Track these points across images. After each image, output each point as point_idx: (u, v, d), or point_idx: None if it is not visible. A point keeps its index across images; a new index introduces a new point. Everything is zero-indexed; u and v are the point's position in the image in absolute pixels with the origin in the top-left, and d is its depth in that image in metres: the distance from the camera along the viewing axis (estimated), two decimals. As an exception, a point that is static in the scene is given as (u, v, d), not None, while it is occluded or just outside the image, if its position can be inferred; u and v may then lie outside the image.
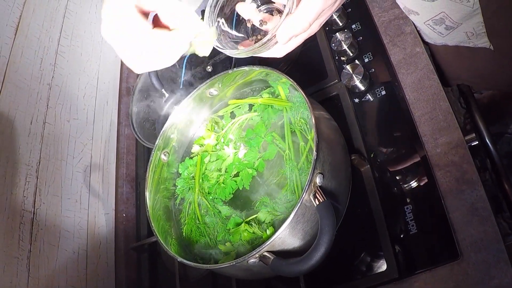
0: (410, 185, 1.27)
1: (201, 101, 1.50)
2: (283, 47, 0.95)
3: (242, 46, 1.03)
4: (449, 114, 1.27)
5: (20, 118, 1.54)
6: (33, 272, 1.42)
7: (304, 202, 1.07)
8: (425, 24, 1.37)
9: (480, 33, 1.33)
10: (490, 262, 1.08)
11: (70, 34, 1.91)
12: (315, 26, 0.92)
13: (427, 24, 1.37)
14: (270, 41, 0.90)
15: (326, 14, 0.91)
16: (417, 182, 1.26)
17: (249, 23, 1.04)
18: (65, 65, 1.83)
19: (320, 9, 0.84)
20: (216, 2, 1.02)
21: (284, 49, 0.96)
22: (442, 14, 1.30)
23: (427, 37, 1.46)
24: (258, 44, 0.91)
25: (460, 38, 1.39)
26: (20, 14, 1.67)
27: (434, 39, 1.44)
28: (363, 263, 1.27)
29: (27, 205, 1.48)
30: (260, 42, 0.90)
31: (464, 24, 1.32)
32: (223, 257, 1.29)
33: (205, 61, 1.88)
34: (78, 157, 1.76)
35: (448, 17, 1.30)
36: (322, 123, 1.21)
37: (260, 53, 0.95)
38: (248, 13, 1.03)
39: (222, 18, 1.04)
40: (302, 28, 0.85)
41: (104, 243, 1.76)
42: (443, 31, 1.37)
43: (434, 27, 1.37)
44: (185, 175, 1.50)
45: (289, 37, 0.86)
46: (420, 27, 1.42)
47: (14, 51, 1.59)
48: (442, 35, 1.39)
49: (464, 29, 1.34)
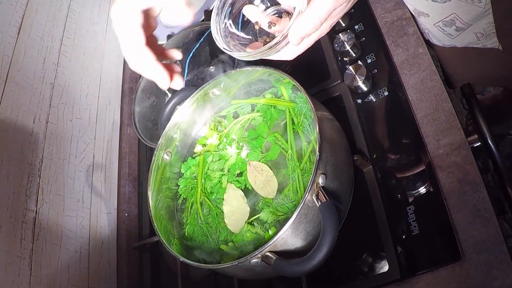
0: (412, 186, 1.27)
1: (204, 101, 1.50)
2: (293, 49, 0.94)
3: (250, 48, 1.03)
4: (452, 115, 1.27)
5: (23, 117, 1.55)
6: (35, 271, 1.42)
7: (307, 203, 1.07)
8: (435, 26, 1.37)
9: (490, 34, 1.33)
10: (492, 264, 1.08)
11: (73, 33, 1.92)
12: (326, 25, 0.92)
13: (437, 26, 1.37)
14: (280, 43, 0.89)
15: (338, 14, 0.91)
16: (420, 183, 1.26)
17: (257, 26, 1.03)
18: (68, 65, 1.83)
19: (332, 7, 0.84)
20: (223, 3, 1.01)
21: (294, 51, 0.95)
22: (453, 15, 1.30)
23: (436, 39, 1.46)
24: (267, 46, 0.89)
25: (470, 40, 1.39)
26: (23, 13, 1.67)
27: (443, 41, 1.44)
28: (365, 264, 1.27)
29: (30, 204, 1.48)
30: (269, 44, 0.89)
31: (474, 25, 1.32)
32: (225, 257, 1.30)
33: (208, 61, 1.88)
34: (80, 156, 1.76)
35: (459, 18, 1.30)
36: (325, 124, 1.21)
37: (269, 56, 0.93)
38: (256, 16, 1.02)
39: (229, 19, 1.04)
40: (313, 27, 0.84)
41: (106, 243, 1.76)
42: (453, 33, 1.37)
43: (444, 28, 1.37)
44: (187, 175, 1.50)
45: (301, 37, 0.86)
46: (430, 29, 1.42)
47: (17, 50, 1.60)
48: (452, 37, 1.39)
49: (474, 30, 1.34)
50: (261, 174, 1.33)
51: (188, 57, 1.91)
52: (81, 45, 1.95)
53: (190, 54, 1.92)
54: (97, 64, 2.02)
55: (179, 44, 2.00)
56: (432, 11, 1.33)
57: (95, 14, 2.09)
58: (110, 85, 2.08)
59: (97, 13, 2.11)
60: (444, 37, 1.41)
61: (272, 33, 1.02)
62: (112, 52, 2.13)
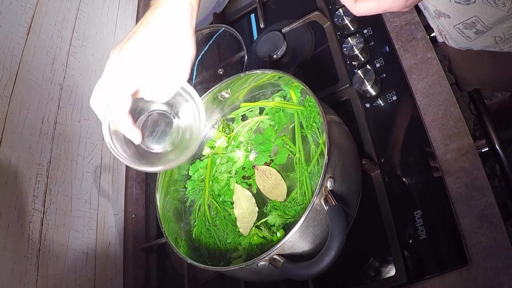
0: (420, 191, 1.27)
1: (213, 103, 1.50)
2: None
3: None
4: (460, 120, 1.27)
5: (32, 118, 1.55)
6: (42, 271, 1.43)
7: (315, 206, 1.07)
8: (455, 28, 1.37)
9: (509, 38, 1.33)
10: (499, 269, 1.08)
11: (82, 35, 1.92)
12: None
13: (456, 28, 1.37)
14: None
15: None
16: (427, 188, 1.26)
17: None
18: (76, 66, 1.84)
19: None
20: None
21: None
22: (474, 18, 1.29)
23: (453, 41, 1.45)
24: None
25: (487, 43, 1.38)
26: (32, 14, 1.68)
27: (460, 43, 1.44)
28: (372, 268, 1.27)
29: (37, 204, 1.48)
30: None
31: (494, 29, 1.32)
32: (232, 260, 1.30)
33: (217, 63, 1.89)
34: (88, 157, 1.77)
35: (480, 21, 1.29)
36: (334, 127, 1.21)
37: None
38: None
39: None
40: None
41: (113, 244, 1.76)
42: (471, 35, 1.37)
43: (464, 31, 1.36)
44: (195, 177, 1.50)
45: None
46: (448, 30, 1.41)
47: (26, 51, 1.60)
48: (470, 40, 1.39)
49: (493, 33, 1.34)
50: (270, 178, 1.33)
51: (197, 59, 1.92)
52: (90, 46, 1.96)
53: (199, 57, 1.92)
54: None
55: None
56: (454, 12, 1.32)
57: (104, 16, 2.10)
58: (119, 87, 2.08)
59: (106, 14, 2.12)
60: (462, 39, 1.40)
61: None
62: (120, 54, 2.13)
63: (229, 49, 1.91)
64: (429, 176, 1.26)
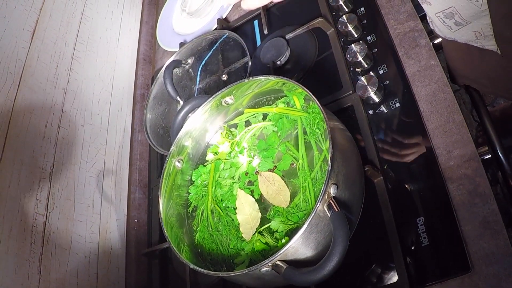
0: (422, 198, 1.27)
1: (216, 109, 1.51)
2: None
3: None
4: (463, 127, 1.27)
5: (35, 122, 1.56)
6: (44, 275, 1.43)
7: (318, 212, 1.07)
8: (436, 16, 1.37)
9: (488, 35, 1.33)
10: (501, 276, 1.08)
11: (86, 39, 1.93)
12: None
13: (437, 16, 1.36)
14: None
15: None
16: (430, 195, 1.26)
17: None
18: (80, 70, 1.84)
19: None
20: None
21: None
22: (452, 8, 1.29)
23: (438, 30, 1.45)
24: None
25: (469, 37, 1.38)
26: (37, 18, 1.69)
27: (444, 33, 1.43)
28: (374, 274, 1.27)
29: (40, 208, 1.49)
30: None
31: (473, 23, 1.31)
32: (235, 265, 1.30)
33: (221, 69, 1.89)
34: (91, 162, 1.77)
35: (458, 13, 1.29)
36: (337, 134, 1.21)
37: None
38: None
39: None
40: None
41: (116, 248, 1.77)
42: (452, 26, 1.37)
43: (444, 20, 1.36)
44: (198, 182, 1.50)
45: None
46: (432, 18, 1.41)
47: (30, 55, 1.61)
48: (452, 30, 1.38)
49: (472, 28, 1.33)
50: (273, 184, 1.33)
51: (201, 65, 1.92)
52: (94, 51, 1.96)
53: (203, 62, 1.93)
54: (110, 70, 2.03)
55: (192, 52, 2.01)
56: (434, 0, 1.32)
57: (108, 21, 2.11)
58: (122, 92, 2.09)
59: (110, 19, 2.12)
60: (445, 29, 1.40)
61: None
62: (124, 58, 2.14)
63: (233, 55, 1.92)
64: (431, 183, 1.26)
